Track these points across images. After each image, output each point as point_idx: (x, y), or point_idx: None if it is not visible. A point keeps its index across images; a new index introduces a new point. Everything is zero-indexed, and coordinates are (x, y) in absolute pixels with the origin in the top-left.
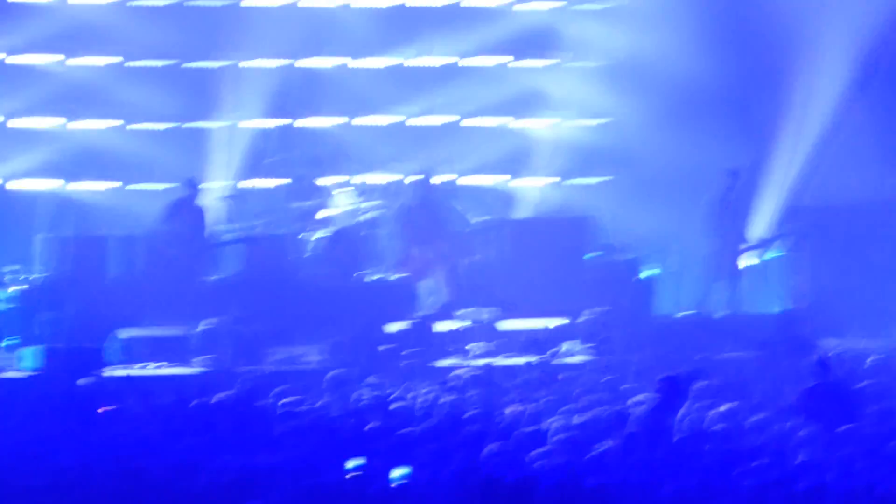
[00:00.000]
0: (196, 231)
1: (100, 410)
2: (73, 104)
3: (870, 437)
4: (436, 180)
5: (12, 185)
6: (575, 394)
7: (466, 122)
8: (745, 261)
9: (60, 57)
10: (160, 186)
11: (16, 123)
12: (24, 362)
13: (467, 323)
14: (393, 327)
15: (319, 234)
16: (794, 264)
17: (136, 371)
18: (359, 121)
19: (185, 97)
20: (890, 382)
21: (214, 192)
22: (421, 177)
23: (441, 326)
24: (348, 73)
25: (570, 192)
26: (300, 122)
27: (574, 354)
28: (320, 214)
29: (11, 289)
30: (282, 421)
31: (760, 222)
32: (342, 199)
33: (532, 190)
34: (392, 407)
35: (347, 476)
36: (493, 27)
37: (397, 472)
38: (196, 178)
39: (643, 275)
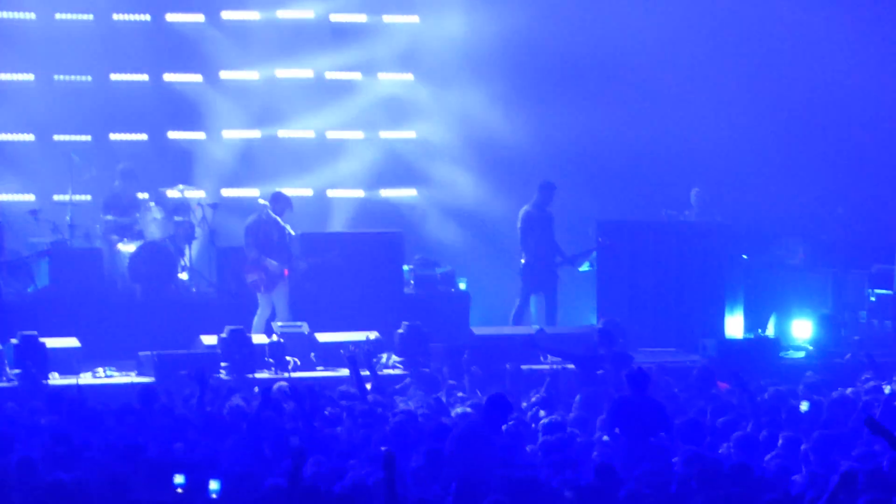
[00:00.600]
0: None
1: None
2: None
3: (674, 448)
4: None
5: None
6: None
7: (283, 133)
8: (559, 274)
9: None
10: None
11: None
12: None
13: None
14: (210, 339)
15: (133, 246)
16: (606, 278)
17: None
18: (174, 135)
19: None
20: (694, 394)
21: (26, 205)
22: (256, 193)
23: (259, 339)
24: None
25: (383, 204)
26: (115, 136)
27: (392, 367)
28: (136, 228)
29: None
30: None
31: (574, 236)
32: (157, 212)
33: (347, 202)
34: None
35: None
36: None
37: (214, 485)
38: None
39: (458, 287)
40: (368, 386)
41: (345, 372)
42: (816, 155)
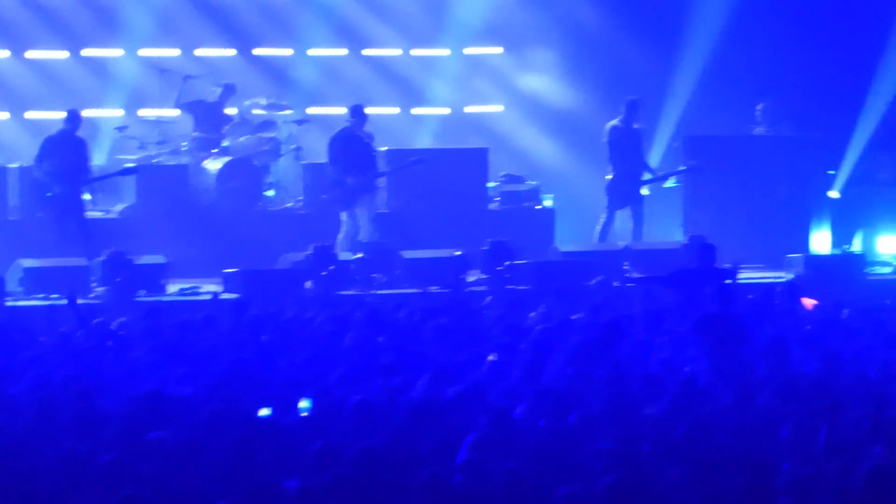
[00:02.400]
0: (80, 163)
1: None
2: None
3: (763, 364)
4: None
5: None
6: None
7: (367, 52)
8: (646, 190)
9: None
10: (56, 115)
11: None
12: None
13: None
14: (296, 256)
15: (220, 163)
16: (692, 194)
17: (37, 301)
18: (259, 51)
19: (82, 23)
20: (784, 310)
21: (110, 121)
22: (343, 110)
23: (346, 255)
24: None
25: (466, 121)
26: (200, 51)
27: (478, 284)
28: (223, 143)
29: None
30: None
31: (659, 152)
32: (244, 128)
33: (430, 119)
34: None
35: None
36: None
37: (304, 404)
38: (76, 110)
39: (543, 204)
40: None
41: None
42: None
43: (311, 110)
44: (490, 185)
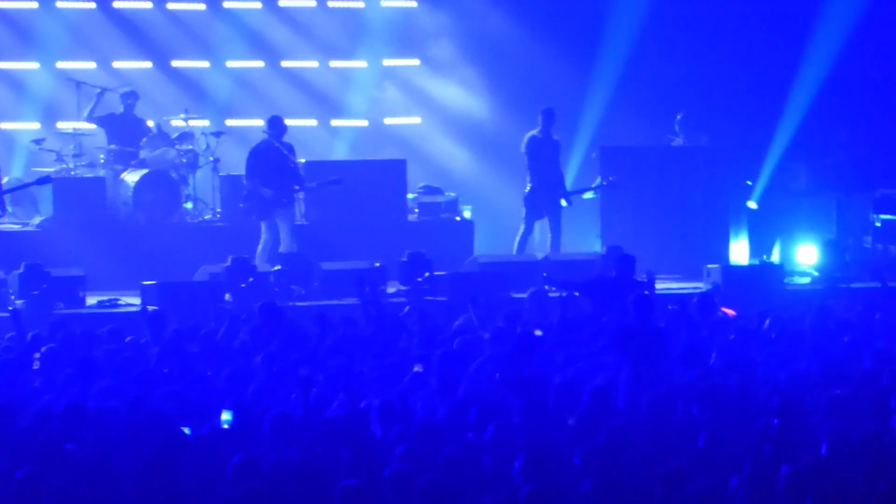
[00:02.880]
0: None
1: None
2: None
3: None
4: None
5: None
6: None
7: (286, 63)
8: (564, 202)
9: None
10: None
11: None
12: None
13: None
14: (215, 268)
15: (137, 175)
16: (610, 205)
17: None
18: (176, 63)
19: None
20: (701, 321)
21: (27, 134)
22: (261, 122)
23: (264, 267)
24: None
25: (384, 133)
26: (117, 64)
27: (398, 295)
28: (140, 155)
29: None
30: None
31: (576, 163)
32: (162, 140)
33: (347, 131)
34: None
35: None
36: None
37: (226, 416)
38: None
39: (462, 216)
40: None
41: (350, 300)
42: (820, 78)
43: (229, 122)
44: (409, 196)
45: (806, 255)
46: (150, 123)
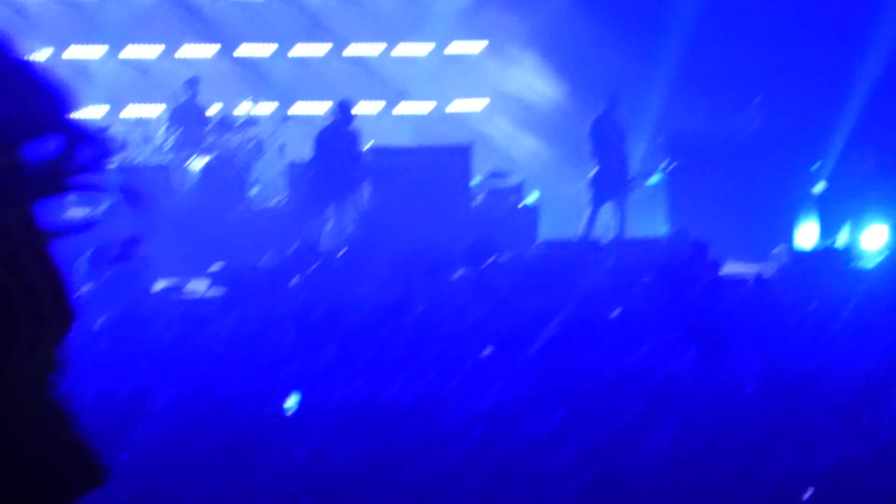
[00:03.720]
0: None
1: None
2: None
3: (752, 359)
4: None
5: None
6: None
7: (349, 49)
8: (630, 185)
9: None
10: None
11: None
12: None
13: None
14: (281, 254)
15: (202, 162)
16: (677, 189)
17: None
18: (241, 51)
19: (59, 24)
20: (770, 305)
21: (92, 122)
22: (325, 108)
23: (330, 253)
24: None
25: (448, 118)
26: (181, 52)
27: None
28: (205, 143)
29: None
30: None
31: (642, 148)
32: (227, 127)
33: (411, 117)
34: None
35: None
36: None
37: (291, 400)
38: None
39: (527, 201)
40: None
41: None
42: (890, 56)
43: (294, 108)
44: (473, 182)
45: (876, 237)
46: (215, 110)
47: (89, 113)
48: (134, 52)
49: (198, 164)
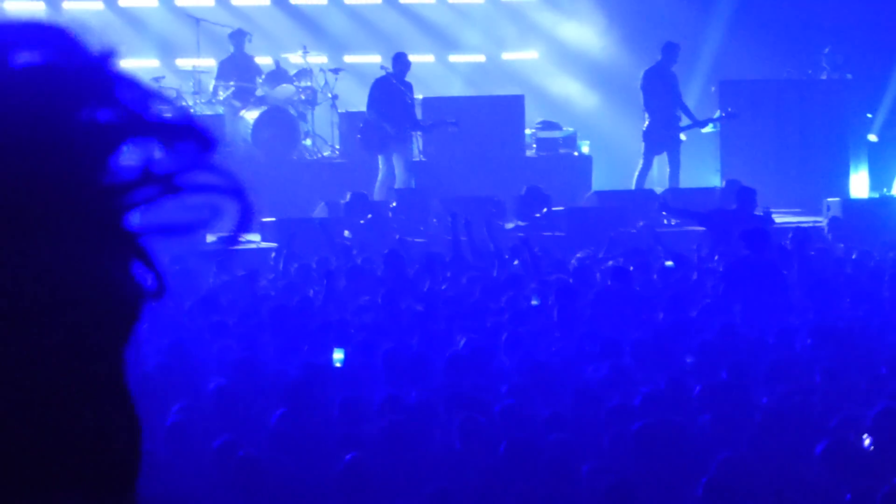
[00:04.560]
0: None
1: None
2: None
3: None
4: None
5: None
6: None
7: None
8: (683, 136)
9: None
10: None
11: None
12: None
13: None
14: (334, 205)
15: (256, 112)
16: (729, 139)
17: None
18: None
19: None
20: (820, 252)
21: (146, 72)
22: (378, 59)
23: (383, 202)
24: None
25: (501, 68)
26: (236, 1)
27: (515, 231)
28: (259, 93)
29: None
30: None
31: (694, 98)
32: (280, 77)
33: (464, 66)
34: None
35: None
36: None
37: (338, 355)
38: None
39: (580, 151)
40: None
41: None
42: None
43: (347, 59)
44: (526, 132)
45: None
46: (269, 60)
47: (145, 62)
48: (188, 1)
49: (251, 114)
